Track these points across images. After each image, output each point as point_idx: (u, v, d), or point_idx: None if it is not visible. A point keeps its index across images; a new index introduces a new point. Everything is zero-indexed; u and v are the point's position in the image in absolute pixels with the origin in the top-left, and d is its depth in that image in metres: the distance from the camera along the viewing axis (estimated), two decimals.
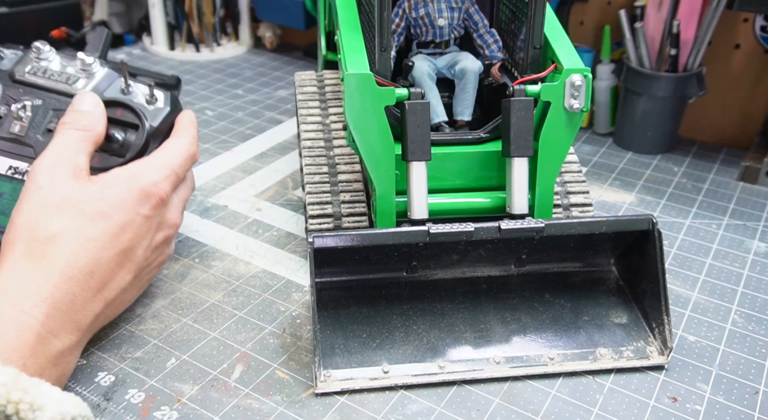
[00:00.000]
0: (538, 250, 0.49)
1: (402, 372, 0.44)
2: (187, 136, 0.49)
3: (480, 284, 0.50)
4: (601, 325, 0.48)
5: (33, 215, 0.41)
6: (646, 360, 0.46)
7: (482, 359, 0.45)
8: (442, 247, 0.47)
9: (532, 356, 0.45)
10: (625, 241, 0.49)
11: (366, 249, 0.46)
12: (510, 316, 0.48)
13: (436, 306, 0.48)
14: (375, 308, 0.48)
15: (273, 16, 1.02)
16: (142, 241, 0.44)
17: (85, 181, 0.43)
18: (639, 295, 0.49)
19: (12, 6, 0.93)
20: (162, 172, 0.45)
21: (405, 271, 0.50)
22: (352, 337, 0.46)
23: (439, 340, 0.46)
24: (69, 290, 0.40)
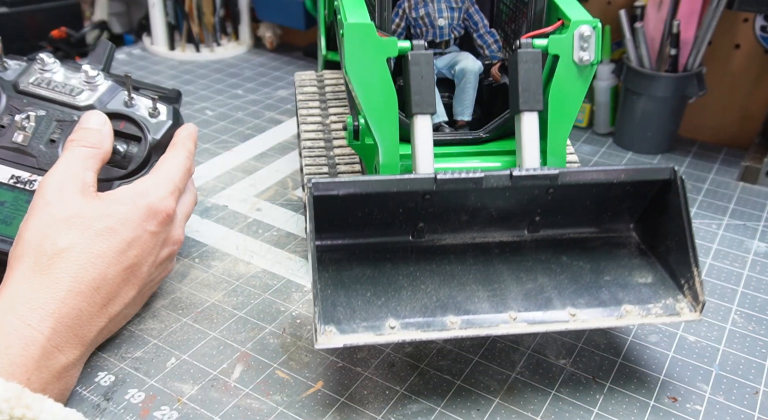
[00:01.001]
0: (552, 212, 0.46)
1: (410, 327, 0.40)
2: (184, 151, 0.50)
3: (491, 249, 0.47)
4: (625, 285, 0.44)
5: (41, 230, 0.42)
6: (676, 317, 0.42)
7: (497, 316, 0.41)
8: (450, 204, 0.44)
9: (552, 313, 0.42)
10: (644, 198, 0.46)
11: (369, 203, 0.43)
12: (525, 277, 0.44)
13: (446, 268, 0.45)
14: (379, 270, 0.44)
15: (273, 16, 1.02)
16: (148, 257, 0.45)
17: (93, 197, 0.44)
18: (663, 254, 0.45)
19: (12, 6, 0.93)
20: (166, 189, 0.46)
21: (411, 236, 0.46)
22: (354, 296, 0.42)
23: (450, 299, 0.42)
24: (75, 305, 0.40)
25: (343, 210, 0.43)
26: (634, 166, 0.43)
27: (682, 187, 0.43)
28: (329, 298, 0.42)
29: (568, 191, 0.44)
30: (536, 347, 0.48)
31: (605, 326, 0.42)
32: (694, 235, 0.42)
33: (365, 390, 0.44)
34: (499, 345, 0.48)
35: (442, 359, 0.47)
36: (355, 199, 0.42)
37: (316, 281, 0.39)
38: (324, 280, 0.43)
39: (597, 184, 0.43)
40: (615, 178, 0.43)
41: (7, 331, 0.37)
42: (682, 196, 0.43)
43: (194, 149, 0.52)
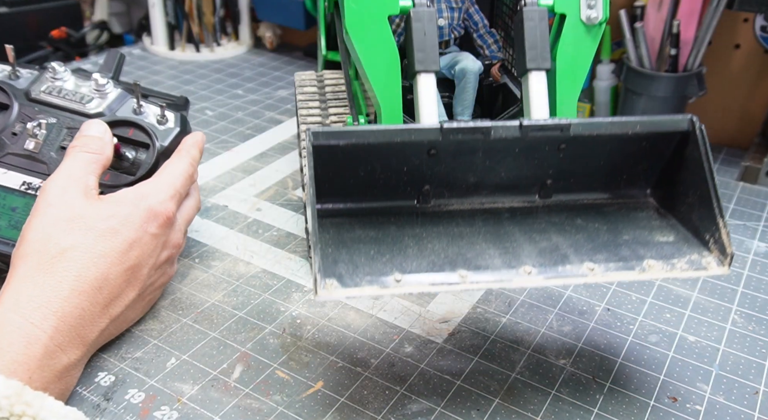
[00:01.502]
0: (564, 174, 0.44)
1: (417, 280, 0.37)
2: (188, 157, 0.51)
3: (501, 213, 0.44)
4: (646, 242, 0.41)
5: (45, 231, 0.42)
6: (703, 271, 0.39)
7: (511, 270, 0.38)
8: (457, 163, 0.42)
9: (569, 268, 0.39)
10: (661, 157, 0.43)
11: (371, 159, 0.41)
12: (539, 237, 0.42)
13: (453, 229, 0.42)
14: (383, 231, 0.41)
15: (273, 16, 1.02)
16: (149, 259, 0.45)
17: (96, 199, 0.45)
18: (685, 213, 0.43)
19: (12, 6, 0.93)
20: (167, 192, 0.47)
21: (416, 200, 0.44)
22: (357, 254, 0.39)
23: (459, 256, 0.39)
24: (78, 304, 0.40)
25: (343, 168, 0.40)
26: (650, 117, 0.41)
27: (702, 137, 0.40)
28: (330, 255, 0.38)
29: (580, 149, 0.42)
30: (536, 347, 0.48)
31: (627, 280, 0.39)
32: (717, 186, 0.40)
33: (365, 390, 0.44)
34: (499, 345, 0.48)
35: (442, 359, 0.47)
36: (357, 155, 0.39)
37: (316, 235, 0.36)
38: (324, 240, 0.40)
39: (611, 140, 0.41)
40: (630, 130, 0.40)
41: (10, 329, 0.38)
42: (703, 146, 0.40)
43: (199, 157, 0.52)
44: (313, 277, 0.36)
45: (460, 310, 0.51)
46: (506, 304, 0.52)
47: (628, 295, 0.53)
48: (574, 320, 0.51)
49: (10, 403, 0.33)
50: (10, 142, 0.50)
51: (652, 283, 0.55)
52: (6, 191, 0.49)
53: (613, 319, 0.51)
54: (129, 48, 1.06)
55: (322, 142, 0.37)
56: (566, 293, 0.53)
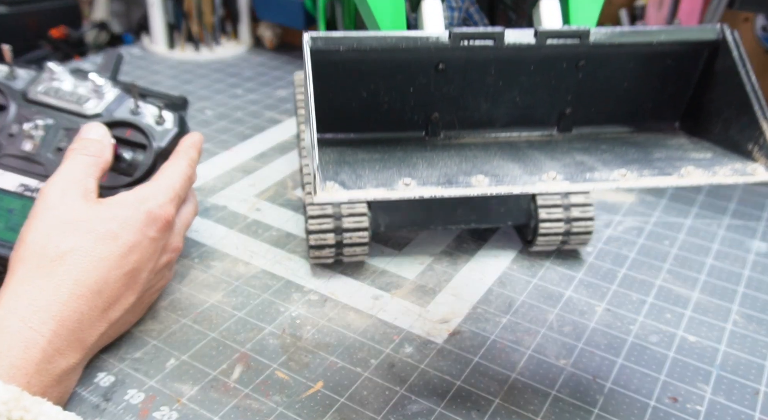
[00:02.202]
0: (584, 100, 0.40)
1: (429, 184, 0.33)
2: (186, 159, 0.50)
3: (519, 144, 0.40)
4: (682, 158, 0.37)
5: (43, 234, 0.42)
6: (749, 177, 0.35)
7: (533, 176, 0.34)
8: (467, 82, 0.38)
9: (598, 174, 0.35)
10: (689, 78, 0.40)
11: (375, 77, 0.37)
12: (562, 156, 0.38)
13: (467, 153, 0.38)
14: (390, 154, 0.38)
15: (273, 16, 1.02)
16: (148, 263, 0.45)
17: (95, 202, 0.44)
18: (721, 132, 0.39)
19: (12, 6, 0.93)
20: (166, 195, 0.47)
21: (425, 132, 0.40)
22: (361, 169, 0.35)
23: (475, 168, 0.36)
24: (77, 309, 0.40)
25: (345, 88, 0.38)
26: (676, 26, 0.38)
27: (735, 42, 0.37)
28: (331, 169, 0.34)
29: (600, 68, 0.39)
30: (536, 347, 0.48)
31: (664, 185, 0.35)
32: (758, 90, 0.36)
33: (365, 390, 0.44)
34: (499, 345, 0.48)
35: (442, 359, 0.46)
36: (359, 70, 0.37)
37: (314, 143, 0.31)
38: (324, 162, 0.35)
39: (633, 56, 0.38)
40: (654, 39, 0.37)
41: (8, 333, 0.37)
42: (736, 51, 0.37)
43: (197, 158, 0.52)
44: (312, 178, 0.32)
45: (460, 310, 0.51)
46: (506, 304, 0.52)
47: (628, 295, 0.53)
48: (574, 320, 0.50)
49: (8, 408, 0.33)
50: (7, 144, 0.50)
51: (652, 283, 0.54)
52: (3, 193, 0.49)
53: (613, 319, 0.51)
54: (128, 48, 1.06)
55: (321, 47, 0.34)
56: (566, 293, 0.53)
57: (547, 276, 0.55)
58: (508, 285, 0.54)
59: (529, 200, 0.55)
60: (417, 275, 0.55)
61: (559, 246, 0.56)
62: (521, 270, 0.56)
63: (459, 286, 0.54)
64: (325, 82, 0.35)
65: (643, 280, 0.55)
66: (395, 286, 0.54)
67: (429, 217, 0.54)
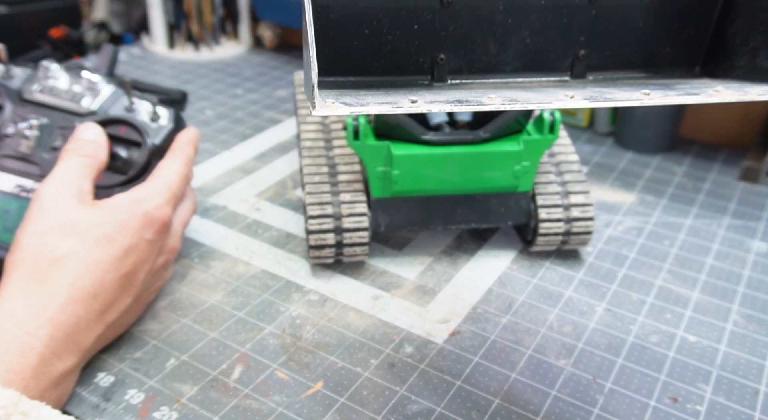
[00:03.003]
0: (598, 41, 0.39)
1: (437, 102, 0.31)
2: (182, 157, 0.50)
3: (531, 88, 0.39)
4: (709, 84, 0.35)
5: (39, 237, 0.41)
6: None
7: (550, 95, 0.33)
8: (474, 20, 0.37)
9: (619, 94, 0.33)
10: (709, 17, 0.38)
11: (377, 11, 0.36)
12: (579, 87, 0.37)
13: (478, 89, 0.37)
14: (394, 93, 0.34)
15: (273, 16, 1.02)
16: (145, 265, 0.45)
17: (90, 205, 0.44)
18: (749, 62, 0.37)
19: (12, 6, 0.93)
20: (163, 196, 0.46)
21: (430, 75, 0.39)
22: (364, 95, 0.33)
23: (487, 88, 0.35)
24: (74, 312, 0.40)
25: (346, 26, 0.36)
26: None
27: None
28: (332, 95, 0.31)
29: (614, 5, 0.37)
30: (536, 347, 0.48)
31: (692, 102, 0.33)
32: None
33: (365, 390, 0.44)
34: (499, 345, 0.48)
35: (442, 359, 0.46)
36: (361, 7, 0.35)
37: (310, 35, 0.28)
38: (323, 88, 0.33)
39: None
40: None
41: (5, 338, 0.37)
42: None
43: (194, 154, 0.51)
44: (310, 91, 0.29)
45: (460, 310, 0.51)
46: (506, 304, 0.52)
47: (628, 295, 0.53)
48: (574, 320, 0.50)
49: (7, 413, 0.33)
50: (3, 144, 0.50)
51: (652, 283, 0.54)
52: None
53: (613, 319, 0.51)
54: (128, 48, 1.06)
55: None
56: (566, 293, 0.53)
57: (547, 276, 0.55)
58: (508, 285, 0.54)
59: (529, 200, 0.55)
60: (417, 275, 0.55)
61: (559, 246, 0.57)
62: (521, 270, 0.56)
63: (459, 286, 0.54)
64: (325, 19, 0.33)
65: (643, 280, 0.55)
66: (395, 286, 0.54)
67: (429, 217, 0.54)
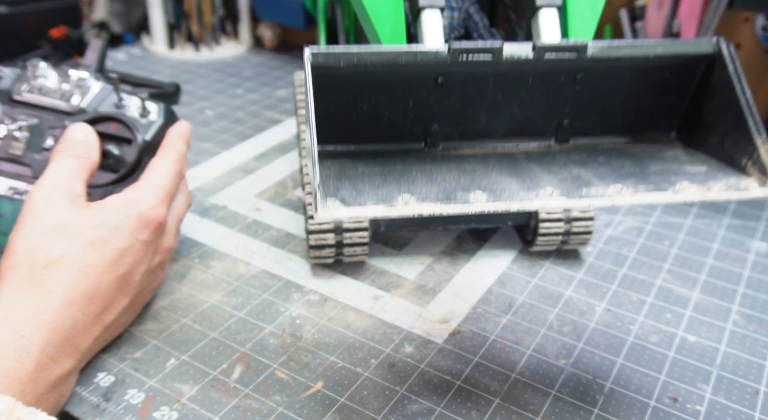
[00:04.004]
0: (581, 111, 0.41)
1: (427, 200, 0.34)
2: (173, 153, 0.49)
3: (517, 156, 0.41)
4: (677, 171, 0.38)
5: (32, 240, 0.41)
6: (743, 192, 0.36)
7: (530, 192, 0.35)
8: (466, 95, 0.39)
9: (594, 189, 0.35)
10: (686, 90, 0.40)
11: (375, 89, 0.38)
12: (559, 170, 0.38)
13: (466, 166, 0.39)
14: (390, 168, 0.38)
15: (273, 16, 1.02)
16: (140, 265, 0.44)
17: (83, 206, 0.44)
18: (716, 145, 0.39)
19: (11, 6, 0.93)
20: (156, 196, 0.46)
21: (424, 143, 0.41)
22: (361, 184, 0.35)
23: (473, 183, 0.36)
24: (70, 315, 0.40)
25: (345, 101, 0.38)
26: (672, 40, 0.38)
27: (731, 56, 0.37)
28: (331, 185, 0.35)
29: (598, 80, 0.39)
30: (536, 347, 0.48)
31: (659, 201, 0.35)
32: (752, 104, 0.37)
33: (365, 390, 0.44)
34: (499, 345, 0.48)
35: (442, 359, 0.46)
36: (359, 84, 0.37)
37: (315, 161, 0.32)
38: (325, 177, 0.36)
39: (631, 69, 0.39)
40: (651, 52, 0.38)
41: (1, 343, 0.37)
42: (732, 65, 0.38)
43: (186, 150, 0.51)
44: (312, 196, 0.33)
45: (460, 310, 0.51)
46: (506, 304, 0.52)
47: (628, 295, 0.53)
48: (574, 320, 0.50)
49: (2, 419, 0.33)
50: None
51: (652, 283, 0.54)
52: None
53: (613, 319, 0.51)
54: (128, 48, 1.06)
55: (322, 63, 0.34)
56: (566, 293, 0.53)
57: (547, 276, 0.55)
58: (508, 285, 0.54)
59: None
60: (417, 275, 0.55)
61: (559, 246, 0.57)
62: (521, 270, 0.56)
63: (459, 286, 0.54)
64: (326, 95, 0.35)
65: (643, 280, 0.55)
66: (395, 286, 0.54)
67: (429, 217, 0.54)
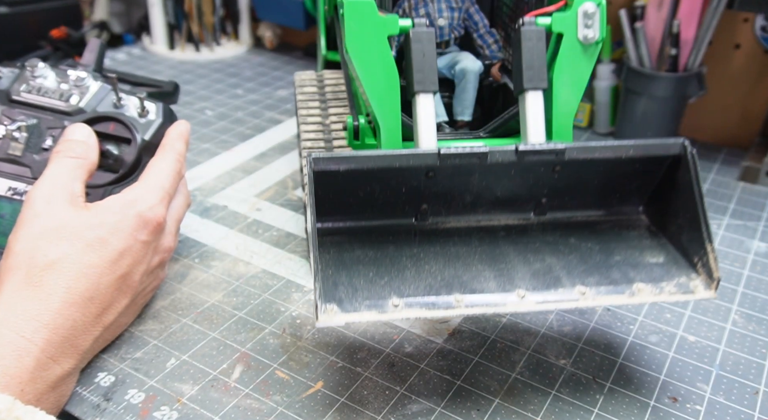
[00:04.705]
0: (559, 193, 0.45)
1: (414, 305, 0.39)
2: (173, 153, 0.49)
3: (497, 232, 0.45)
4: (636, 264, 0.43)
5: (32, 242, 0.41)
6: (690, 294, 0.41)
7: (505, 295, 0.40)
8: (454, 183, 0.43)
9: (561, 291, 0.41)
10: (653, 177, 0.45)
11: (371, 181, 0.42)
12: (533, 258, 0.43)
13: (450, 249, 0.44)
14: (382, 251, 0.43)
15: (273, 16, 1.02)
16: (140, 266, 0.44)
17: (82, 207, 0.44)
18: (675, 233, 0.44)
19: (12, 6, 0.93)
20: (156, 196, 0.46)
21: (414, 218, 0.45)
22: (356, 276, 0.41)
23: (455, 278, 0.41)
24: (70, 316, 0.40)
25: (344, 189, 0.42)
26: (643, 141, 0.42)
27: (693, 162, 0.41)
28: (330, 277, 0.40)
29: (574, 170, 0.43)
30: (536, 347, 0.48)
31: (617, 304, 0.40)
32: (706, 211, 0.41)
33: (365, 390, 0.44)
34: (499, 345, 0.48)
35: (442, 359, 0.47)
36: (357, 177, 0.41)
37: (316, 258, 0.37)
38: (325, 261, 0.42)
39: (605, 161, 0.42)
40: (624, 154, 0.42)
41: (1, 343, 0.37)
42: (694, 171, 0.41)
43: (185, 149, 0.50)
44: (314, 303, 0.37)
45: None
46: None
47: None
48: (574, 320, 0.50)
49: (1, 417, 0.33)
50: None
51: None
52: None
53: (613, 319, 0.51)
54: (129, 48, 1.06)
55: (323, 168, 0.38)
56: None
57: None
58: None
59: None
60: None
61: None
62: None
63: None
64: (325, 185, 0.39)
65: None
66: None
67: None
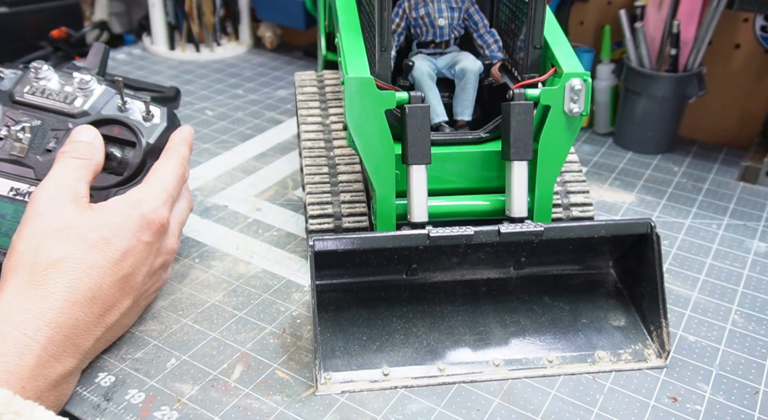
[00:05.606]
0: (537, 253, 0.49)
1: (402, 374, 0.44)
2: (177, 157, 0.49)
3: (479, 286, 0.50)
4: (600, 328, 0.48)
5: (35, 241, 0.41)
6: (644, 362, 0.46)
7: (482, 362, 0.46)
8: (442, 250, 0.47)
9: (531, 359, 0.46)
10: (623, 245, 0.49)
11: (366, 252, 0.46)
12: (509, 319, 0.48)
13: (436, 308, 0.49)
14: (375, 311, 0.48)
15: (273, 16, 1.02)
16: (143, 267, 0.45)
17: (86, 208, 0.44)
18: (637, 298, 0.49)
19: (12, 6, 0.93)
20: (159, 198, 0.46)
21: (405, 274, 0.49)
22: (352, 340, 0.46)
23: (439, 343, 0.46)
24: (72, 315, 0.40)
25: (341, 257, 0.46)
26: (613, 221, 0.47)
27: (657, 243, 0.46)
28: (329, 342, 0.46)
29: (551, 243, 0.47)
30: None
31: (579, 372, 0.45)
32: (665, 288, 0.46)
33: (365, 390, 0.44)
34: None
35: None
36: (354, 252, 0.45)
37: (316, 325, 0.43)
38: (324, 322, 0.47)
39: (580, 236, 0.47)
40: (596, 233, 0.46)
41: (3, 340, 0.37)
42: (656, 250, 0.46)
43: (188, 154, 0.51)
44: (314, 374, 0.44)
45: None
46: None
47: None
48: None
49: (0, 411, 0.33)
50: None
51: None
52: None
53: None
54: (129, 48, 1.06)
55: (322, 249, 0.43)
56: None
57: None
58: None
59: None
60: None
61: None
62: None
63: None
64: (325, 256, 0.44)
65: None
66: None
67: None
